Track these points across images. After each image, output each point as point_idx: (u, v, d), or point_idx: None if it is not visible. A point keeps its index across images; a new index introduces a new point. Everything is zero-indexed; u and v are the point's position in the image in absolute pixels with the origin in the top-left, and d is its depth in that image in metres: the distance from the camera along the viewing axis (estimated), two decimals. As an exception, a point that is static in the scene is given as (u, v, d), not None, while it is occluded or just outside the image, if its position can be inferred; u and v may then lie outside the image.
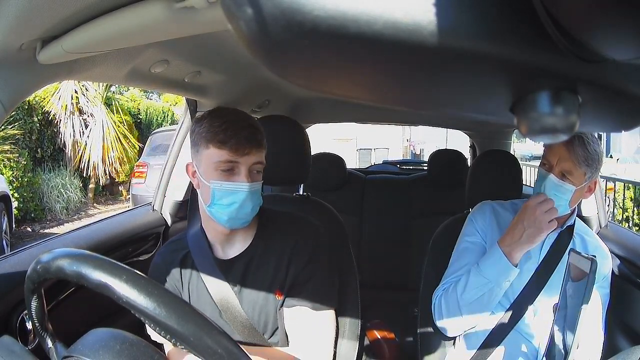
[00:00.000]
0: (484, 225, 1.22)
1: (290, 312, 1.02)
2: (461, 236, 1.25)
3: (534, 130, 0.25)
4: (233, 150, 0.92)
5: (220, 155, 0.92)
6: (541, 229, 1.06)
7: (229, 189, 0.93)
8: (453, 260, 1.23)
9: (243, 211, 0.95)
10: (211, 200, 0.95)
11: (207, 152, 0.94)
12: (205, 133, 0.94)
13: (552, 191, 1.10)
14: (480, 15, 0.22)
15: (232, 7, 0.22)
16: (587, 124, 0.30)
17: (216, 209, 0.95)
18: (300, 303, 1.01)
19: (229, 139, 0.92)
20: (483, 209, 1.25)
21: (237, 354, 0.53)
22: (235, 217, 0.95)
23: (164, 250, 1.11)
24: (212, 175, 0.94)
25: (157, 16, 0.71)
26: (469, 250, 1.21)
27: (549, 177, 1.10)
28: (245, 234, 1.04)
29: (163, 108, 10.24)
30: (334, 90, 0.28)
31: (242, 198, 0.94)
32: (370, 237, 2.50)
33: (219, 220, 0.96)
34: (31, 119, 6.78)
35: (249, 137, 0.93)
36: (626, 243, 1.36)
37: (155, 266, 1.08)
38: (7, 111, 0.81)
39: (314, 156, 1.53)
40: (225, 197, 0.94)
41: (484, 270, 1.09)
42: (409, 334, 1.68)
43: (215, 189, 0.94)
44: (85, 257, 0.56)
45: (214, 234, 1.03)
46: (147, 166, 6.26)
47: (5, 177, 5.57)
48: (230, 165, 0.93)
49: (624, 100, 0.27)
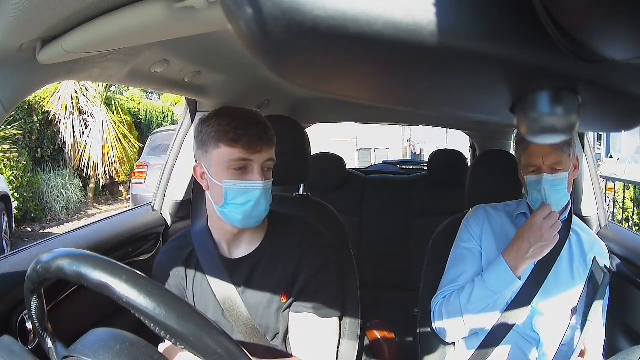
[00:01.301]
0: (478, 230, 1.22)
1: (297, 318, 1.02)
2: (457, 242, 1.26)
3: (534, 130, 0.25)
4: (246, 148, 0.91)
5: (232, 154, 0.92)
6: (548, 244, 1.07)
7: (242, 187, 0.93)
8: (450, 267, 1.23)
9: (258, 210, 0.94)
10: (224, 201, 0.94)
11: (218, 151, 0.93)
12: (214, 133, 0.93)
13: (551, 189, 1.11)
14: (480, 15, 0.22)
15: (232, 7, 0.22)
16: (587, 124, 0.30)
17: (229, 209, 0.94)
18: (308, 310, 1.01)
19: (240, 137, 0.91)
20: (477, 214, 1.26)
21: (237, 354, 0.53)
22: (250, 215, 0.94)
23: (169, 248, 1.11)
24: (224, 174, 0.93)
25: (157, 16, 0.71)
26: (465, 257, 1.21)
27: (543, 178, 1.11)
28: (253, 235, 1.03)
29: (163, 108, 10.24)
30: (334, 90, 0.28)
31: (257, 196, 0.93)
32: (370, 237, 2.49)
33: (233, 220, 0.95)
34: (31, 119, 6.78)
35: (260, 134, 0.93)
36: (626, 243, 1.35)
37: (159, 264, 1.08)
38: (7, 111, 0.81)
39: (314, 156, 1.53)
40: (239, 196, 0.93)
41: (489, 283, 1.10)
42: (409, 334, 1.68)
43: (229, 189, 0.93)
44: (85, 257, 0.56)
45: (222, 233, 1.02)
46: (147, 166, 6.26)
47: (5, 177, 5.57)
48: (242, 163, 0.92)
49: (624, 100, 0.27)
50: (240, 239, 1.03)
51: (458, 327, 1.15)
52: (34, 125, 6.87)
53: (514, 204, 1.27)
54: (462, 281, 1.17)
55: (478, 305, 1.11)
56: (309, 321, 1.01)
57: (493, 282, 1.10)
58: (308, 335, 1.02)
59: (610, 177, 5.21)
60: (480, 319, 1.12)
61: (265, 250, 1.03)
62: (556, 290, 1.14)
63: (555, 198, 1.11)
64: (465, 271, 1.18)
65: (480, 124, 2.52)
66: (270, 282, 1.02)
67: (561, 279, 1.14)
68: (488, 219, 1.23)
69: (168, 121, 9.84)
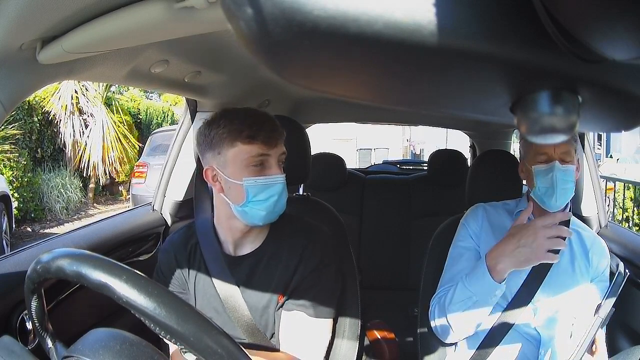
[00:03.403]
0: (477, 229, 1.22)
1: (288, 316, 1.01)
2: (454, 241, 1.25)
3: (534, 130, 0.25)
4: (265, 143, 0.93)
5: (250, 151, 0.93)
6: (536, 254, 1.00)
7: (264, 183, 0.93)
8: (447, 267, 1.23)
9: (280, 204, 0.96)
10: (245, 199, 0.94)
11: (234, 150, 0.93)
12: (227, 133, 0.93)
13: (561, 178, 1.10)
14: (480, 15, 0.22)
15: (232, 7, 0.22)
16: (587, 124, 0.30)
17: (251, 206, 0.94)
18: (300, 309, 1.00)
19: (257, 133, 0.92)
20: (475, 212, 1.25)
21: (237, 353, 0.53)
22: (273, 210, 0.95)
23: (174, 238, 1.11)
24: (243, 173, 0.93)
25: (157, 16, 0.71)
26: (462, 257, 1.20)
27: (555, 166, 1.10)
28: (258, 233, 1.04)
29: (163, 108, 10.24)
30: (334, 90, 0.28)
31: (280, 190, 0.95)
32: (370, 237, 2.49)
33: (254, 217, 0.95)
34: (31, 119, 6.77)
35: (273, 128, 0.95)
36: (626, 243, 1.35)
37: (165, 252, 1.09)
38: (7, 111, 0.81)
39: (314, 156, 1.53)
40: (261, 192, 0.93)
41: (469, 284, 1.08)
42: (409, 334, 1.68)
43: (250, 186, 0.93)
44: (85, 257, 0.56)
45: (229, 232, 1.02)
46: (147, 166, 6.26)
47: (5, 177, 5.57)
48: (261, 159, 0.93)
49: (624, 100, 0.27)
50: (247, 237, 1.03)
51: (447, 329, 1.14)
52: (34, 125, 6.86)
53: (513, 202, 1.27)
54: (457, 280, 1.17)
55: (458, 307, 1.08)
56: (298, 319, 1.00)
57: (472, 283, 1.07)
58: (295, 334, 1.01)
59: (610, 177, 5.21)
60: (462, 320, 1.10)
61: (267, 248, 1.03)
62: (558, 288, 1.13)
63: (562, 188, 1.11)
64: (462, 270, 1.17)
65: (480, 124, 2.52)
66: (270, 280, 1.02)
67: (562, 277, 1.14)
68: (487, 216, 1.23)
69: (168, 121, 9.84)
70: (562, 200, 1.12)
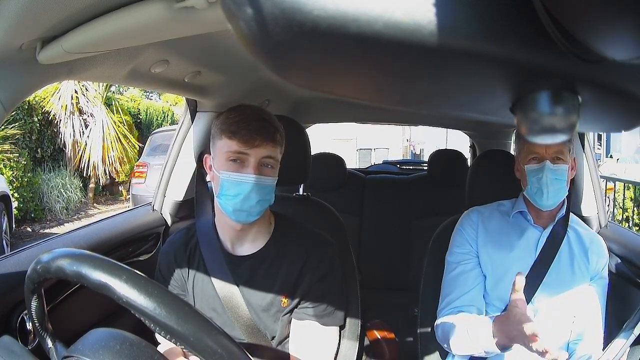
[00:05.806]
0: (473, 233, 1.22)
1: (299, 325, 1.04)
2: (450, 246, 1.25)
3: (534, 130, 0.25)
4: (242, 141, 0.93)
5: (230, 146, 0.94)
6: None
7: (235, 179, 0.95)
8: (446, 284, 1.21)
9: (248, 203, 0.95)
10: (219, 191, 0.96)
11: (220, 142, 0.96)
12: (220, 125, 0.96)
13: (552, 178, 1.10)
14: (480, 15, 0.22)
15: (232, 7, 0.22)
16: (587, 124, 0.30)
17: (223, 200, 0.96)
18: (310, 318, 1.03)
19: (238, 130, 0.94)
20: (470, 217, 1.25)
21: (237, 353, 0.53)
22: (240, 209, 0.95)
23: (174, 239, 1.12)
24: (222, 165, 0.96)
25: (157, 16, 0.71)
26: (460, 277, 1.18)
27: (545, 166, 1.10)
28: (258, 234, 1.04)
29: (163, 108, 10.24)
30: (334, 91, 0.28)
31: (247, 190, 0.94)
32: (370, 237, 2.49)
33: (226, 211, 0.97)
34: (31, 119, 6.77)
35: (259, 129, 0.94)
36: (626, 243, 1.35)
37: (164, 254, 1.10)
38: (7, 111, 0.81)
39: (314, 156, 1.53)
40: (231, 187, 0.95)
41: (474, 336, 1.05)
42: (409, 334, 1.68)
43: (224, 180, 0.95)
44: (85, 257, 0.56)
45: (226, 229, 1.04)
46: (147, 166, 6.26)
47: (5, 177, 5.57)
48: (238, 156, 0.94)
49: (624, 100, 0.27)
50: (244, 237, 1.04)
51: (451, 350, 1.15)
52: (34, 125, 6.86)
53: (508, 202, 1.27)
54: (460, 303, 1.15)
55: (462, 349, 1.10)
56: (310, 328, 1.03)
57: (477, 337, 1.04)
58: (307, 342, 1.03)
59: (610, 177, 5.20)
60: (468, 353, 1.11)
61: (270, 251, 1.04)
62: (557, 287, 1.13)
63: (554, 188, 1.11)
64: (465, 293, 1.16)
65: (480, 124, 2.52)
66: (273, 283, 1.02)
67: (562, 277, 1.14)
68: (482, 220, 1.23)
69: (168, 121, 9.84)
70: (553, 200, 1.12)
